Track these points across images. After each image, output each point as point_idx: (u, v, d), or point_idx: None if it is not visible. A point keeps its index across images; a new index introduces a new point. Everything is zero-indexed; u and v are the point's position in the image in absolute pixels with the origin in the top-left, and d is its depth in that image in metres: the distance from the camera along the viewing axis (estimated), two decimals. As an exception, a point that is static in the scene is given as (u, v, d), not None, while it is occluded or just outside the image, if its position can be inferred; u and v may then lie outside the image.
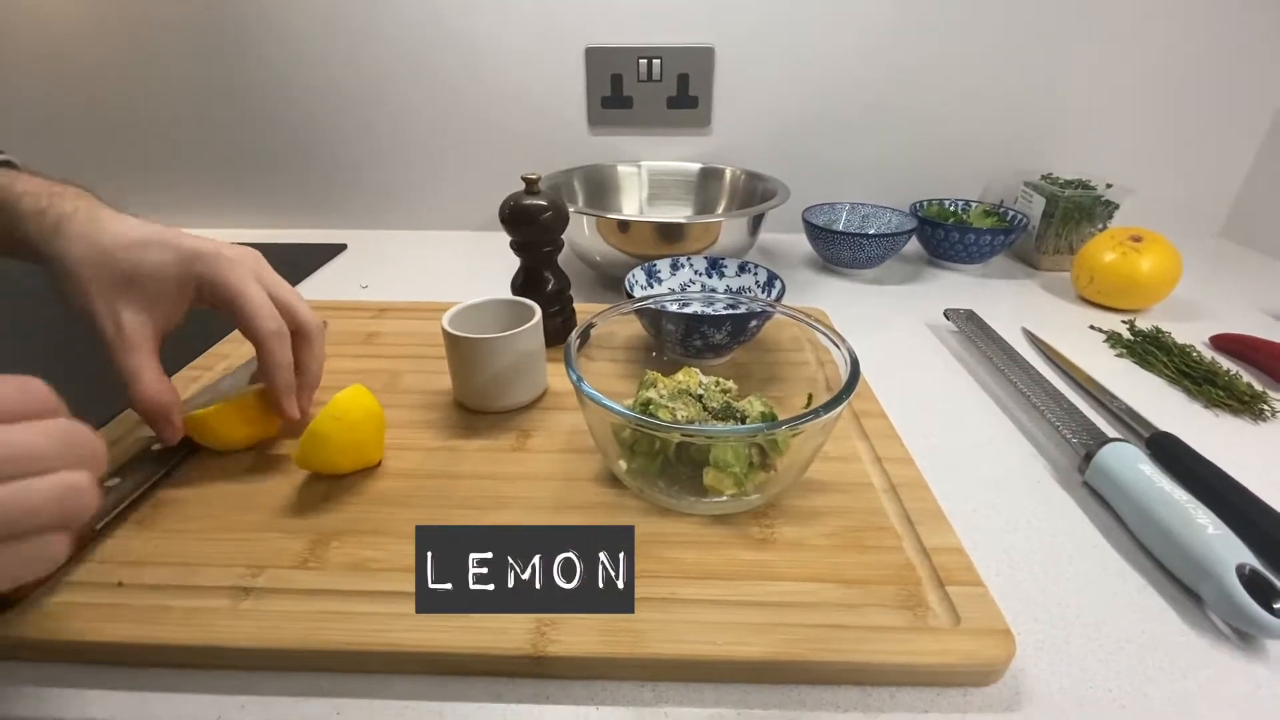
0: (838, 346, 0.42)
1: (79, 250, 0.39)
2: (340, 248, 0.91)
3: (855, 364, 0.39)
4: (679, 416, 0.41)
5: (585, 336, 0.44)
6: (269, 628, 0.33)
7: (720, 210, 0.88)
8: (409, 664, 0.33)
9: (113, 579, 0.36)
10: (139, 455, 0.43)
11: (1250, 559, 0.35)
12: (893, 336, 0.68)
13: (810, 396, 0.44)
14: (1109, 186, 0.82)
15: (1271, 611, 0.33)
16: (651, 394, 0.43)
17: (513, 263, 0.60)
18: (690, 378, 0.46)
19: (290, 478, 0.43)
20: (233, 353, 0.60)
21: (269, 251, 0.87)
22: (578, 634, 0.33)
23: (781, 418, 0.44)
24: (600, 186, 0.90)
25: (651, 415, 0.40)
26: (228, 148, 0.94)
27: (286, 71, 0.89)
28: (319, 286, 0.79)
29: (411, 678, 0.33)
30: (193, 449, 0.45)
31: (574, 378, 0.38)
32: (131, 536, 0.39)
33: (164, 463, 0.43)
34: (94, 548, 0.38)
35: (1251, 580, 0.34)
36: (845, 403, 0.36)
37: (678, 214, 0.91)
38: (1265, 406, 0.54)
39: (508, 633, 0.33)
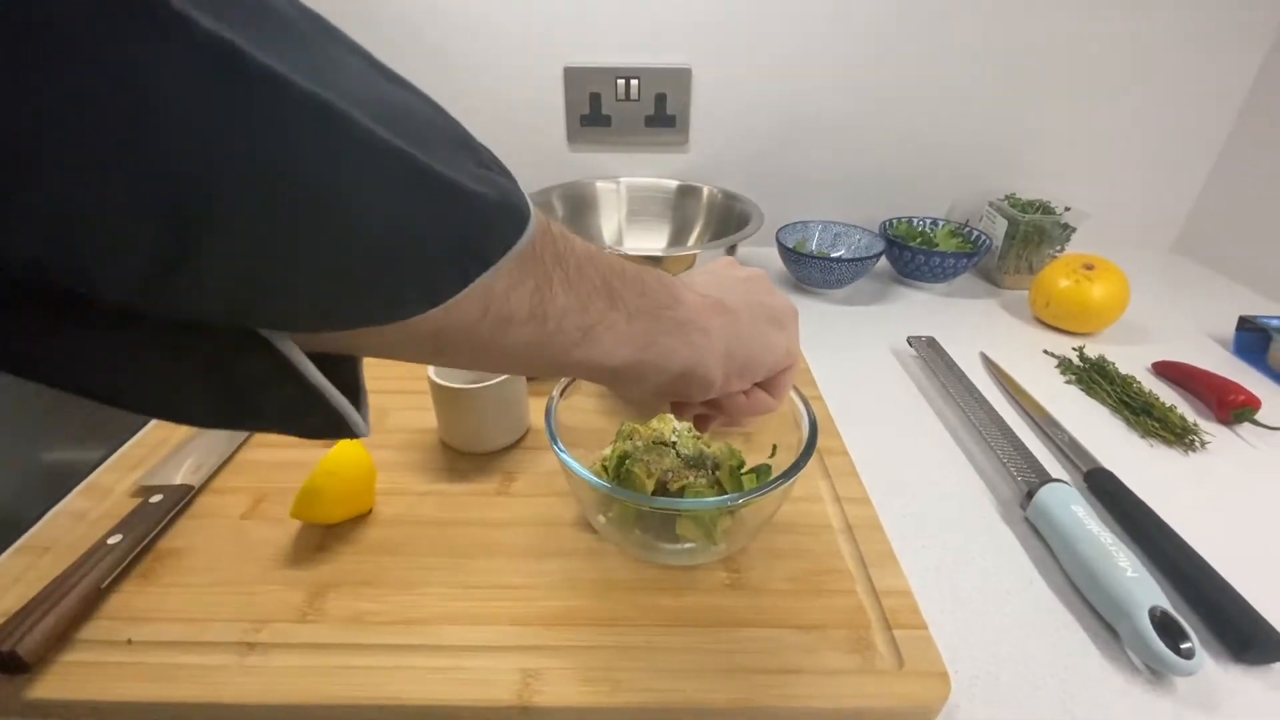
0: (800, 401, 0.45)
1: None
2: (321, 264, 0.91)
3: (814, 430, 0.42)
4: (653, 469, 0.44)
5: (564, 391, 0.46)
6: (274, 684, 0.36)
7: (697, 231, 0.90)
8: (406, 715, 0.36)
9: (122, 636, 0.38)
10: (138, 508, 0.45)
11: (1163, 602, 0.40)
12: (858, 363, 0.71)
13: (774, 447, 0.47)
14: (1067, 210, 0.85)
15: (1178, 652, 0.37)
16: (628, 446, 0.46)
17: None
18: (665, 424, 0.49)
19: (284, 527, 0.46)
20: (221, 387, 0.61)
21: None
22: (560, 683, 0.36)
23: (750, 461, 0.48)
24: (580, 204, 0.92)
25: (629, 471, 0.43)
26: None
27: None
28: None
29: (407, 726, 0.36)
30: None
31: (558, 450, 0.40)
32: (137, 591, 0.41)
33: (163, 515, 0.45)
34: (102, 604, 0.40)
35: (1162, 622, 0.39)
36: (802, 469, 0.39)
37: (657, 232, 0.93)
38: (1195, 438, 0.58)
39: (496, 684, 0.36)
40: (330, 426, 0.21)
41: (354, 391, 0.22)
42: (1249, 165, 0.92)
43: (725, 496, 0.42)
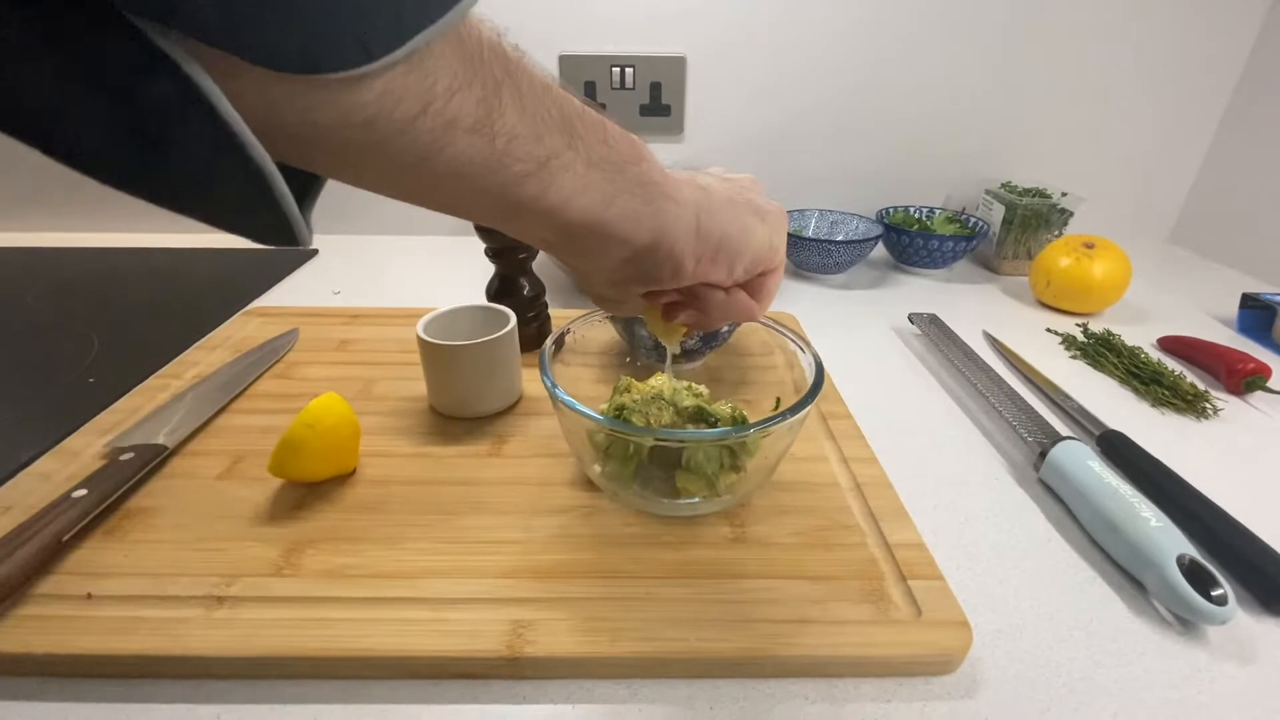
0: (804, 351, 0.43)
1: None
2: (312, 253, 0.90)
3: (820, 368, 0.40)
4: (651, 422, 0.42)
5: (560, 343, 0.45)
6: (244, 636, 0.33)
7: (693, 216, 0.89)
8: (386, 669, 0.33)
9: (81, 591, 0.35)
10: (107, 465, 0.42)
11: (1190, 550, 0.38)
12: (859, 340, 0.70)
13: (779, 400, 0.45)
14: (1064, 195, 0.85)
15: (1209, 599, 0.35)
16: (625, 399, 0.44)
17: (488, 267, 0.60)
18: (663, 383, 0.47)
19: (264, 486, 0.43)
20: (201, 360, 0.59)
21: (238, 256, 0.86)
22: (554, 634, 0.33)
23: (751, 421, 0.46)
24: (574, 193, 0.91)
25: (626, 422, 0.41)
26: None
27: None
28: (289, 292, 0.78)
29: (387, 682, 0.33)
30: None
31: (549, 384, 0.39)
32: (100, 548, 0.38)
33: (133, 472, 0.42)
34: (61, 559, 0.37)
35: (1191, 570, 0.37)
36: (810, 405, 0.37)
37: (651, 220, 0.92)
38: (1207, 405, 0.57)
39: (483, 635, 0.33)
40: (252, 197, 0.18)
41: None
42: (1241, 154, 0.92)
43: (729, 428, 0.40)
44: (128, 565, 0.37)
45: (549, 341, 0.43)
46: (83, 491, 0.39)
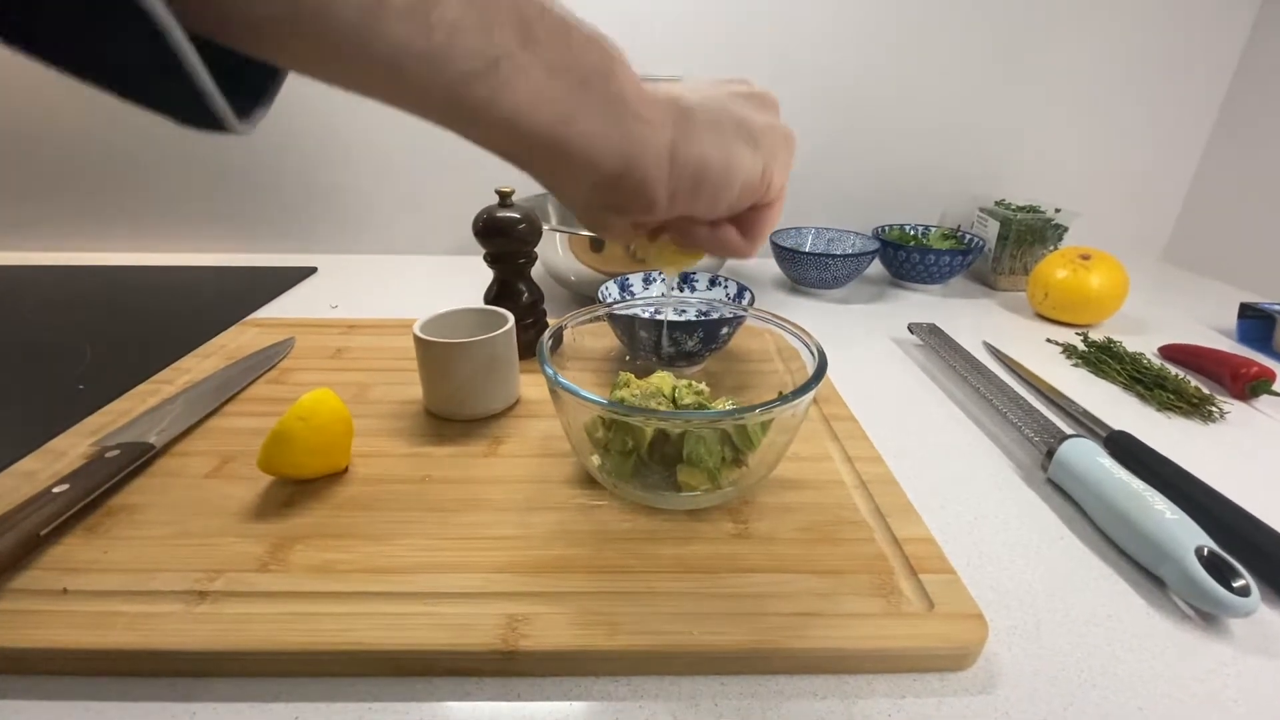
0: (805, 344, 0.43)
1: None
2: (310, 270, 0.90)
3: (822, 356, 0.39)
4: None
5: (558, 337, 0.44)
6: (225, 631, 0.31)
7: (690, 233, 0.90)
8: (372, 664, 0.31)
9: (57, 586, 0.34)
10: (90, 462, 0.41)
11: (1208, 541, 0.37)
12: (860, 351, 0.69)
13: (780, 393, 0.44)
14: (1058, 211, 0.86)
15: (1231, 590, 0.34)
16: (624, 393, 0.43)
17: (484, 284, 0.60)
18: (663, 381, 0.46)
19: (252, 484, 0.42)
20: (194, 368, 0.58)
21: (237, 275, 0.86)
22: (550, 628, 0.32)
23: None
24: (573, 211, 0.91)
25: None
26: (198, 172, 0.94)
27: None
28: (288, 307, 0.78)
29: (374, 679, 0.31)
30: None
31: (550, 373, 0.38)
32: (79, 543, 0.37)
33: (117, 469, 0.41)
34: (38, 555, 0.36)
35: (1210, 561, 0.35)
36: (814, 390, 0.36)
37: (649, 237, 0.92)
38: (1213, 409, 0.56)
39: (477, 628, 0.32)
40: (145, 49, 0.16)
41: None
42: (1231, 172, 0.94)
43: (730, 409, 0.39)
44: (107, 561, 0.36)
45: (546, 335, 0.43)
46: (64, 487, 0.38)
